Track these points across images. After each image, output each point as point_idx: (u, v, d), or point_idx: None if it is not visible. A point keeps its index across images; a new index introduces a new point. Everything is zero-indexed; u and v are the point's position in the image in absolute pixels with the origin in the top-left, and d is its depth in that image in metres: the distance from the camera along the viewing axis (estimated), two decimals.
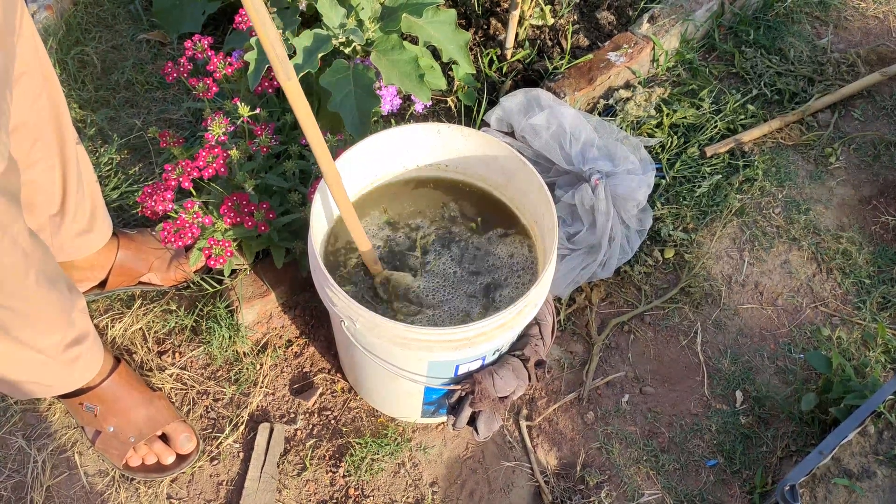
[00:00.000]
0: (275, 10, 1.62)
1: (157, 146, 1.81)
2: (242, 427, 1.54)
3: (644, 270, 1.77)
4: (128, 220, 1.72)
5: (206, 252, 1.46)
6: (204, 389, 1.58)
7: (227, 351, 1.60)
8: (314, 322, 1.66)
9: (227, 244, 1.45)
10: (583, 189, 1.64)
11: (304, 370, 1.62)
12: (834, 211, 1.89)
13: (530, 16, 1.95)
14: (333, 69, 1.50)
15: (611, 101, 1.93)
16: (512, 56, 1.92)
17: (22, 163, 1.26)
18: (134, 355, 1.59)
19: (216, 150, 1.47)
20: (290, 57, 1.49)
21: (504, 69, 1.93)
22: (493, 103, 1.85)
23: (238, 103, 1.50)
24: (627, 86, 1.97)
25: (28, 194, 1.31)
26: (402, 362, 1.28)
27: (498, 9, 2.00)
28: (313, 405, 1.58)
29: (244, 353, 1.61)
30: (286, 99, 1.68)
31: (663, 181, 1.87)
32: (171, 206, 1.46)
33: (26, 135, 1.24)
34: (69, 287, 1.30)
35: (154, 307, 1.63)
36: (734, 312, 1.74)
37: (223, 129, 1.49)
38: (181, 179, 1.45)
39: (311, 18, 1.66)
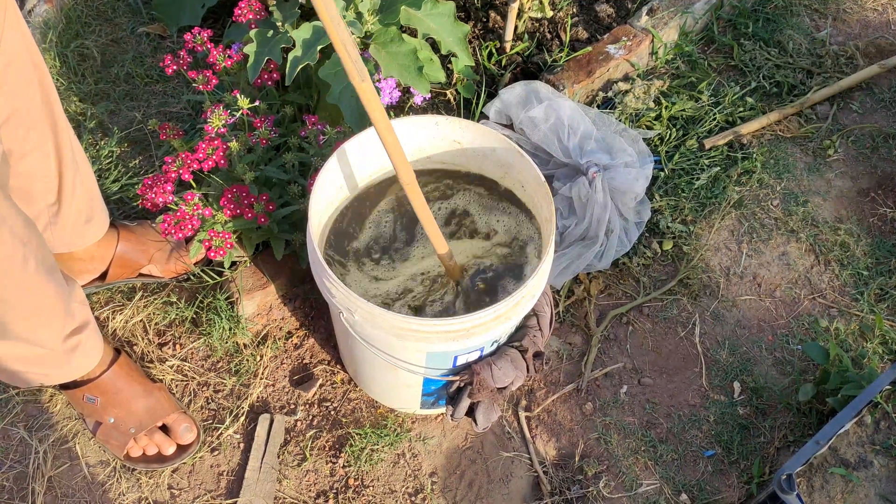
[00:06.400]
0: (274, 2, 1.62)
1: (157, 139, 1.82)
2: (243, 418, 1.55)
3: (642, 262, 1.77)
4: (128, 212, 1.72)
5: (207, 244, 1.47)
6: (204, 381, 1.59)
7: (227, 342, 1.60)
8: (314, 314, 1.67)
9: (227, 236, 1.46)
10: (580, 182, 1.64)
11: (304, 361, 1.62)
12: (832, 203, 1.90)
13: (529, 8, 1.95)
14: (333, 61, 1.51)
15: (609, 94, 1.93)
16: (511, 49, 1.92)
17: (17, 152, 1.26)
18: (135, 347, 1.60)
19: (216, 142, 1.47)
20: (289, 49, 1.49)
21: (503, 62, 1.93)
22: (491, 96, 1.85)
23: (238, 95, 1.51)
24: (626, 78, 1.97)
25: (25, 184, 1.31)
26: (401, 353, 1.29)
27: (497, 1, 2.00)
28: (313, 396, 1.58)
29: (244, 345, 1.62)
30: (285, 91, 1.69)
31: (662, 173, 1.87)
32: (171, 198, 1.47)
33: (19, 123, 1.24)
34: (66, 278, 1.30)
35: (154, 299, 1.64)
36: (732, 304, 1.74)
37: (223, 122, 1.49)
38: (181, 171, 1.45)
39: (311, 11, 1.66)
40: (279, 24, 1.56)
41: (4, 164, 1.09)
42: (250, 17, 1.61)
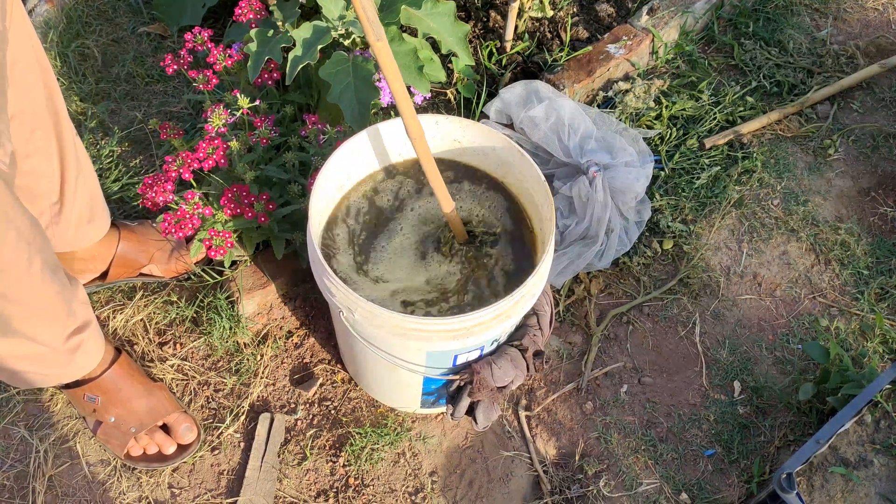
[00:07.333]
0: (275, 1, 1.62)
1: (158, 138, 1.82)
2: (243, 417, 1.55)
3: (643, 262, 1.77)
4: (129, 211, 1.73)
5: (207, 243, 1.47)
6: (205, 380, 1.59)
7: (227, 342, 1.61)
8: (314, 313, 1.67)
9: (227, 235, 1.46)
10: (580, 182, 1.64)
11: (305, 361, 1.63)
12: (832, 202, 1.90)
13: (529, 8, 1.95)
14: (333, 61, 1.51)
15: (610, 93, 1.94)
16: (511, 48, 1.92)
17: (21, 152, 1.26)
18: (135, 346, 1.60)
19: (216, 141, 1.47)
20: (290, 49, 1.50)
21: (503, 61, 1.93)
22: (492, 95, 1.85)
23: (238, 95, 1.51)
24: (626, 78, 1.97)
25: (28, 183, 1.31)
26: (401, 352, 1.29)
27: (497, 1, 2.00)
28: (313, 395, 1.58)
29: (245, 344, 1.62)
30: (286, 91, 1.69)
31: (662, 173, 1.87)
32: (171, 197, 1.47)
33: (25, 123, 1.25)
34: (68, 277, 1.31)
35: (155, 298, 1.64)
36: (733, 303, 1.74)
37: (223, 121, 1.49)
38: (182, 171, 1.46)
39: (311, 10, 1.66)
40: (279, 23, 1.57)
41: (12, 164, 1.10)
42: (251, 16, 1.62)
